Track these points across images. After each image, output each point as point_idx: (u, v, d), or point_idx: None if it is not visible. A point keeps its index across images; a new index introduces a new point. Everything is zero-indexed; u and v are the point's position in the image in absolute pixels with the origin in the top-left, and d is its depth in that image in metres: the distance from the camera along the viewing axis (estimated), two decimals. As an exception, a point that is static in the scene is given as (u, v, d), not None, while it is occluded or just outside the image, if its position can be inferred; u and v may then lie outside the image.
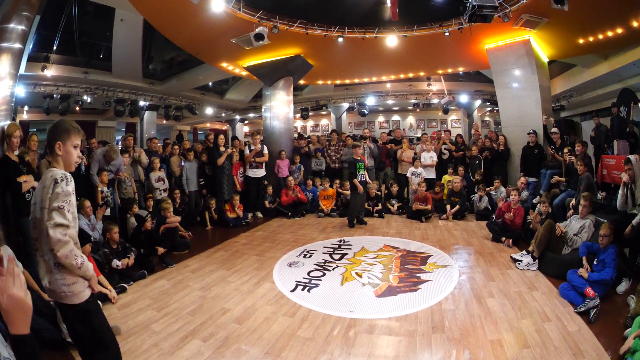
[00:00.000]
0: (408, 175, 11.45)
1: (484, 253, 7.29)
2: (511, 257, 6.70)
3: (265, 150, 11.05)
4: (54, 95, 16.01)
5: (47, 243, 2.62)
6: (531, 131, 10.77)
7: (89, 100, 17.16)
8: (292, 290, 5.60)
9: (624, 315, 4.48)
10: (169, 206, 7.85)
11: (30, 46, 12.22)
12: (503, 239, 7.88)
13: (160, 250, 6.91)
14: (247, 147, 11.10)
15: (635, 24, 9.72)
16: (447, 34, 10.82)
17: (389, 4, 9.81)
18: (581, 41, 11.25)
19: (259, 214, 11.09)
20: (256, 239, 8.67)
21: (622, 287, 5.26)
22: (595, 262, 5.26)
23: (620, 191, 6.18)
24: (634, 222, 5.73)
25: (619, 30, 10.25)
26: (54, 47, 14.00)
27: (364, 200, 10.16)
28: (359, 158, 9.80)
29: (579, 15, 9.33)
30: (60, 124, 2.89)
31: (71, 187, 2.72)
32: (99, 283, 5.15)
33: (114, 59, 14.76)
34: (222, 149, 10.11)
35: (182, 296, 5.40)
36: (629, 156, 6.09)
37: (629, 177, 5.92)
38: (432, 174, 11.56)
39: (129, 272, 6.10)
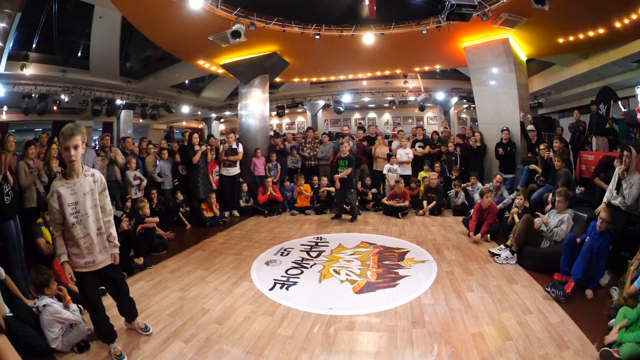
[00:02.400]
0: (385, 172, 11.44)
1: (461, 248, 7.33)
2: (489, 251, 6.77)
3: (240, 149, 10.98)
4: (33, 95, 15.76)
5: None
6: (505, 128, 10.86)
7: (66, 99, 16.93)
8: (271, 289, 5.57)
9: (607, 306, 4.57)
10: (145, 204, 7.72)
11: (11, 44, 12.02)
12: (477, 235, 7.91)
13: (140, 260, 6.82)
14: (222, 145, 11.02)
15: (618, 24, 9.84)
16: (424, 32, 10.80)
17: (367, 1, 9.80)
18: (561, 40, 11.37)
19: (236, 213, 11.02)
20: (233, 238, 8.61)
21: (604, 279, 5.34)
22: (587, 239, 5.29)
23: (612, 182, 6.27)
24: (614, 202, 5.93)
25: (601, 31, 10.38)
26: (34, 45, 13.80)
27: (353, 194, 10.13)
28: (344, 155, 9.85)
29: (560, 15, 9.41)
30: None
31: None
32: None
33: (92, 56, 14.59)
34: (196, 147, 10.00)
35: (161, 297, 5.33)
36: (631, 147, 6.16)
37: (625, 165, 6.00)
38: (407, 171, 11.55)
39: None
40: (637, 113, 9.64)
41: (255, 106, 13.56)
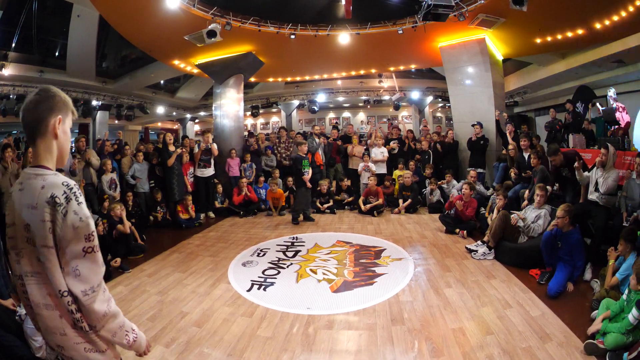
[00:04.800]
0: (359, 170, 11.50)
1: (438, 245, 7.40)
2: (466, 247, 6.84)
3: (215, 147, 10.95)
4: (10, 96, 15.43)
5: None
6: (475, 123, 10.97)
7: (43, 100, 16.57)
8: (248, 290, 5.53)
9: (589, 299, 4.68)
10: (116, 206, 7.60)
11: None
12: (457, 230, 8.04)
13: (116, 261, 6.71)
14: (196, 145, 10.95)
15: (598, 25, 9.96)
16: (400, 32, 10.88)
17: (343, 1, 9.81)
18: (539, 41, 11.52)
19: (211, 214, 10.94)
20: (209, 240, 8.56)
21: (587, 274, 5.44)
22: (559, 245, 5.41)
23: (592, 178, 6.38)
24: (592, 198, 6.14)
25: (580, 31, 10.51)
26: (13, 45, 13.59)
27: (309, 196, 10.17)
28: (304, 155, 9.84)
29: (538, 15, 9.50)
30: (57, 91, 1.91)
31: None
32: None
33: (69, 56, 14.37)
34: (171, 148, 9.90)
35: (140, 302, 5.25)
36: (608, 144, 6.29)
37: (602, 162, 6.12)
38: (382, 169, 11.63)
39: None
40: (616, 112, 9.85)
41: (230, 106, 13.50)
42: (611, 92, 10.41)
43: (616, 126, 10.07)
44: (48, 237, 1.71)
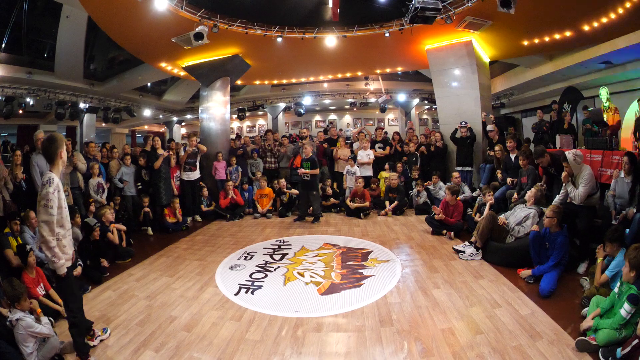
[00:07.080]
0: (344, 172, 11.47)
1: (425, 246, 7.42)
2: (454, 248, 6.87)
3: (203, 146, 10.96)
4: (-1, 98, 15.26)
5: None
6: (463, 123, 10.96)
7: (31, 102, 16.36)
8: (236, 294, 5.53)
9: (578, 296, 4.74)
10: (106, 210, 7.54)
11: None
12: (444, 231, 8.06)
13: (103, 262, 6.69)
14: (182, 148, 10.91)
15: (586, 27, 10.01)
16: (387, 34, 10.91)
17: (330, 4, 9.82)
18: (526, 43, 11.57)
19: (198, 218, 10.88)
20: (197, 244, 8.52)
21: (581, 268, 5.58)
22: (547, 245, 5.50)
23: (564, 187, 6.39)
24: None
25: (568, 33, 10.56)
26: (3, 45, 13.45)
27: (307, 199, 10.17)
28: (306, 157, 9.88)
29: (526, 18, 9.53)
30: (58, 135, 3.89)
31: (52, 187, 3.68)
32: (50, 298, 4.93)
33: (57, 57, 14.22)
34: (159, 151, 9.87)
35: (129, 306, 5.22)
36: (566, 152, 6.29)
37: (567, 173, 6.14)
38: (369, 172, 11.57)
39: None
40: (604, 112, 9.93)
41: (216, 109, 13.45)
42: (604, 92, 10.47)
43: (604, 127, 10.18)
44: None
